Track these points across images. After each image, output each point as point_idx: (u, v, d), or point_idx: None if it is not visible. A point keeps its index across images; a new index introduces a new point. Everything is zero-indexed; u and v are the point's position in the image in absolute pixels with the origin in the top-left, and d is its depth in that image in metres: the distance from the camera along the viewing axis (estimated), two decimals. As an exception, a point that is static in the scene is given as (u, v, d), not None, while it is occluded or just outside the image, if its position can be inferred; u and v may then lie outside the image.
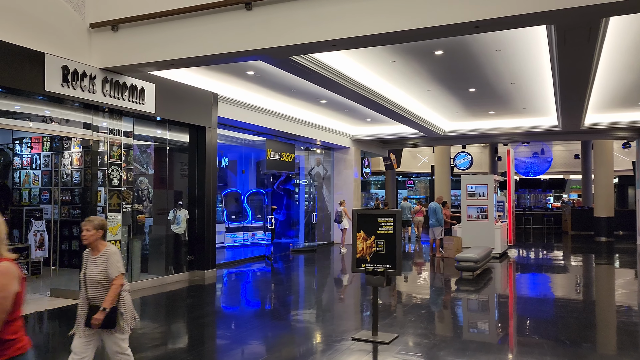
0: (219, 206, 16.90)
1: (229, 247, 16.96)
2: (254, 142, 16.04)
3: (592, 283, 11.45)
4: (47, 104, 8.20)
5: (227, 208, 17.59)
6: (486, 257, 12.01)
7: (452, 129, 17.29)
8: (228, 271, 12.41)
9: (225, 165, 19.71)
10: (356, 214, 6.33)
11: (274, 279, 11.99)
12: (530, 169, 32.94)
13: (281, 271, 12.95)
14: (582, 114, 12.87)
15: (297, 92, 12.13)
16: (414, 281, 11.58)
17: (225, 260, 14.56)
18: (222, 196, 17.27)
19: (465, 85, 11.47)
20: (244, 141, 16.07)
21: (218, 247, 16.62)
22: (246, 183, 19.34)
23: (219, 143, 16.38)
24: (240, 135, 14.16)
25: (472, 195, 14.58)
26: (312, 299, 9.58)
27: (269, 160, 14.57)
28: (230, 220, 17.45)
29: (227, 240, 17.08)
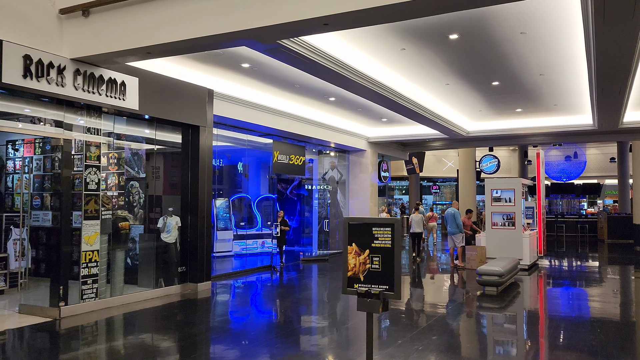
0: (226, 212, 16.03)
1: (237, 255, 16.05)
2: (265, 145, 15.12)
3: (638, 300, 10.05)
4: (6, 98, 7.38)
5: (236, 214, 16.68)
6: (512, 270, 10.73)
7: (476, 129, 16.01)
8: (228, 283, 11.43)
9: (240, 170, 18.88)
10: (347, 223, 5.25)
11: (277, 292, 10.96)
12: (563, 173, 31.15)
13: (287, 283, 11.91)
14: (621, 110, 11.49)
15: (302, 88, 11.12)
16: (429, 296, 10.38)
17: (232, 269, 13.65)
18: (230, 202, 16.38)
19: (487, 77, 10.27)
20: (253, 144, 15.17)
21: (225, 255, 15.86)
22: (257, 188, 18.43)
23: (226, 146, 15.61)
24: (244, 136, 13.24)
25: (498, 201, 13.30)
26: (313, 319, 8.50)
27: (276, 163, 13.59)
28: (239, 227, 16.54)
29: (235, 248, 16.17)
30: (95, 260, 8.10)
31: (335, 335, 7.26)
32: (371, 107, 13.17)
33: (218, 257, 15.50)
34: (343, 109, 13.77)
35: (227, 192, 18.10)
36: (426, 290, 11.15)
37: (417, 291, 11.02)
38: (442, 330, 7.21)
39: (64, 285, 7.69)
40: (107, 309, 8.26)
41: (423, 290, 11.15)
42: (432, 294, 10.75)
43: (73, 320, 7.61)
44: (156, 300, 9.07)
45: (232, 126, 12.20)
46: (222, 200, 16.18)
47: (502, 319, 8.37)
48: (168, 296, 9.41)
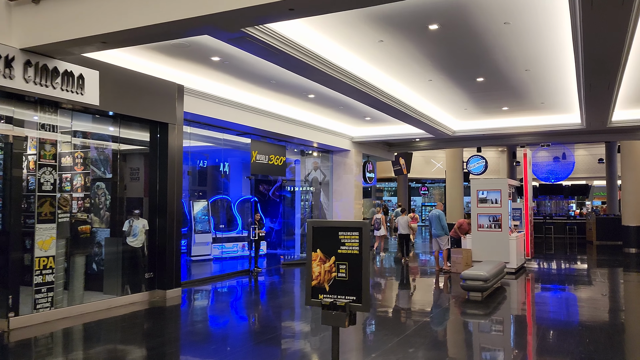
0: (204, 215, 15.47)
1: (217, 259, 15.49)
2: (246, 145, 14.56)
3: (627, 305, 9.65)
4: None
5: (215, 217, 16.12)
6: (498, 274, 10.29)
7: (462, 128, 15.59)
8: (201, 289, 10.88)
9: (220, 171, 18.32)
10: (311, 226, 4.74)
11: (251, 299, 10.44)
12: (551, 174, 30.92)
13: (263, 289, 11.37)
14: (609, 108, 11.11)
15: (279, 84, 10.61)
16: (410, 302, 9.90)
17: (211, 273, 13.13)
18: (209, 204, 15.82)
19: (471, 73, 9.83)
20: (234, 144, 14.65)
21: (204, 259, 15.30)
22: (238, 189, 17.89)
23: (206, 146, 15.06)
24: (220, 135, 12.69)
25: (484, 202, 12.87)
26: (283, 328, 7.98)
27: (255, 163, 13.06)
28: (218, 230, 15.98)
29: (214, 251, 15.61)
30: (51, 267, 7.52)
31: (308, 346, 6.75)
32: (353, 106, 12.69)
33: (196, 261, 14.95)
34: (325, 107, 13.28)
35: (207, 193, 17.54)
36: (408, 295, 10.67)
37: (399, 296, 10.54)
38: (421, 342, 6.72)
39: (14, 295, 7.11)
40: (64, 319, 7.68)
41: (405, 295, 10.68)
42: (414, 299, 10.27)
43: (24, 332, 7.03)
44: (120, 309, 8.50)
45: (207, 124, 11.66)
46: (201, 202, 15.62)
47: (486, 327, 7.91)
48: (133, 304, 8.84)
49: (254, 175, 14.24)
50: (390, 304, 9.76)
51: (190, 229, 15.23)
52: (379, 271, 14.17)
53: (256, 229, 12.80)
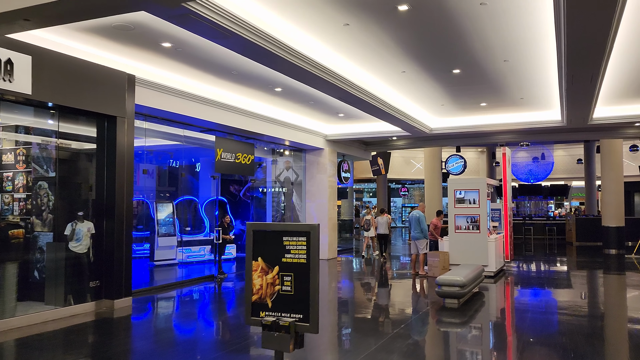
0: (169, 217, 14.61)
1: (182, 264, 14.62)
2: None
3: (608, 311, 9.10)
4: None
5: (181, 219, 15.26)
6: (476, 279, 9.66)
7: (439, 126, 14.98)
8: (159, 296, 10.05)
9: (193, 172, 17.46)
10: (251, 230, 3.99)
11: (210, 308, 9.63)
12: (530, 174, 30.70)
13: (225, 296, 10.57)
14: (591, 103, 10.57)
15: (241, 75, 9.83)
16: (382, 310, 9.20)
17: (176, 279, 12.32)
18: (174, 205, 14.94)
19: (447, 64, 9.18)
20: (201, 142, 13.81)
21: (168, 264, 14.43)
22: (207, 190, 17.02)
23: (173, 145, 14.19)
24: (181, 131, 11.83)
25: (461, 203, 12.26)
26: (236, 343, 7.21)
27: (220, 162, 12.24)
28: (184, 233, 15.11)
29: (180, 256, 14.74)
30: (-26, 277, 6.64)
31: None
32: (325, 100, 11.98)
33: (160, 266, 14.08)
34: (294, 103, 12.54)
35: (174, 194, 16.66)
36: (380, 302, 9.97)
37: (370, 303, 9.83)
38: (387, 356, 6.01)
39: None
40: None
41: (377, 302, 9.98)
42: (387, 306, 9.57)
43: (-63, 352, 6.15)
44: (60, 322, 7.63)
45: (166, 120, 10.83)
46: (165, 204, 14.74)
47: (462, 337, 7.24)
48: (77, 316, 7.98)
49: (218, 175, 13.39)
50: (360, 312, 9.05)
51: (154, 232, 14.35)
52: (354, 274, 13.47)
53: (220, 232, 11.98)
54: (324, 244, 15.85)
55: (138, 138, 10.95)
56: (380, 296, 10.67)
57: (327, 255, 15.77)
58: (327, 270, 14.18)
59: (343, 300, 10.32)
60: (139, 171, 17.60)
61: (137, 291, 10.34)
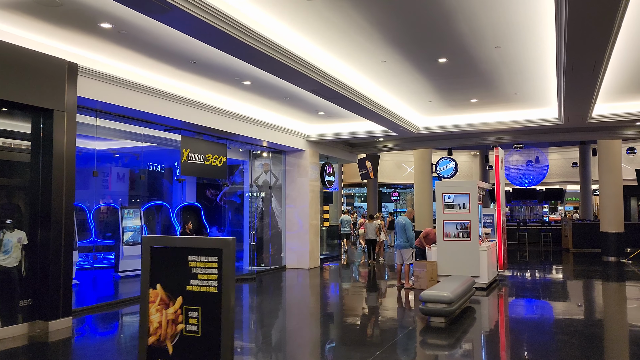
0: (136, 224, 13.51)
1: (151, 274, 13.51)
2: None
3: (616, 328, 8.08)
4: None
5: (149, 226, 14.16)
6: (466, 293, 8.63)
7: (427, 125, 13.98)
8: (114, 313, 8.94)
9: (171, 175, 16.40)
10: (148, 246, 2.93)
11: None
12: (525, 178, 29.84)
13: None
14: (592, 97, 9.60)
15: (201, 65, 8.77)
16: (360, 328, 8.09)
17: (136, 293, 11.23)
18: (142, 212, 13.83)
19: (431, 52, 8.16)
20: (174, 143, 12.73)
21: (135, 275, 13.30)
22: (181, 195, 15.95)
23: (143, 146, 13.07)
24: (140, 129, 10.73)
25: (450, 208, 11.24)
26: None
27: (186, 163, 11.18)
28: (153, 241, 13.99)
29: (148, 266, 13.61)
30: None
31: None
32: (301, 96, 10.96)
33: (125, 277, 12.98)
34: (268, 99, 11.50)
35: (143, 199, 15.57)
36: (355, 321, 8.88)
37: (347, 320, 8.73)
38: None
39: None
40: None
41: (355, 319, 8.87)
42: (365, 323, 8.47)
43: None
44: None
45: (123, 116, 9.74)
46: (132, 210, 13.65)
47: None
48: (3, 340, 6.86)
49: (184, 178, 12.33)
50: (330, 333, 7.96)
51: (119, 241, 13.25)
52: (334, 286, 12.40)
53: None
54: (304, 253, 14.79)
55: (85, 137, 9.90)
56: (358, 313, 9.60)
57: (309, 265, 14.71)
58: (307, 281, 13.11)
59: (312, 318, 9.24)
60: (110, 175, 16.57)
61: (95, 307, 9.33)
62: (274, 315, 9.25)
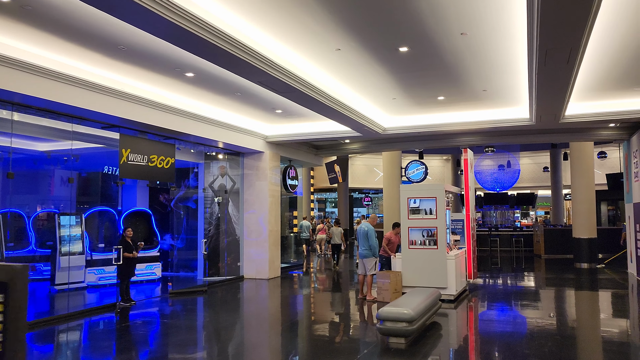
0: (76, 232, 12.30)
1: (93, 287, 12.35)
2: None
3: (588, 346, 7.31)
4: None
5: (92, 234, 12.95)
6: (430, 308, 7.75)
7: (393, 125, 13.15)
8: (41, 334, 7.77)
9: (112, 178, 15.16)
10: None
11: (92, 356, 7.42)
12: (496, 183, 29.44)
13: (114, 336, 8.35)
14: (566, 92, 8.87)
15: (133, 53, 7.72)
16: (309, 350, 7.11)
17: (83, 306, 10.34)
18: (84, 218, 12.62)
19: (390, 38, 7.29)
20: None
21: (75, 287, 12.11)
22: (131, 200, 14.78)
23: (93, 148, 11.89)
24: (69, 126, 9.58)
25: (416, 213, 10.40)
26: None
27: (127, 164, 10.09)
28: (96, 251, 12.81)
29: (90, 278, 12.44)
30: None
31: None
32: (255, 92, 10.01)
33: (64, 291, 11.76)
34: (219, 95, 10.50)
35: (87, 205, 14.35)
36: (308, 340, 7.89)
37: (297, 339, 7.75)
38: None
39: None
40: None
41: (307, 338, 7.89)
42: (317, 344, 7.48)
43: None
44: None
45: (48, 111, 8.61)
46: (72, 217, 12.43)
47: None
48: None
49: (123, 180, 11.19)
50: (276, 356, 6.98)
51: (56, 251, 12.03)
52: (292, 298, 11.41)
53: (121, 250, 9.79)
54: (264, 262, 13.78)
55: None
56: (308, 333, 8.63)
57: (268, 275, 13.69)
58: (264, 293, 12.10)
59: (256, 338, 8.24)
60: (53, 178, 15.29)
61: (31, 324, 8.21)
62: (207, 335, 8.21)
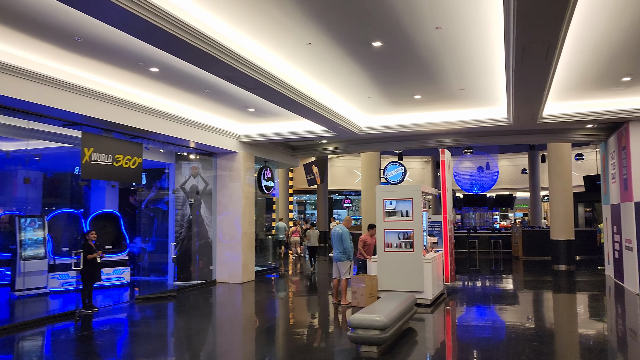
0: (38, 235, 11.72)
1: (56, 293, 11.80)
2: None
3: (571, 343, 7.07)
4: None
5: (55, 237, 12.38)
6: (404, 315, 7.44)
7: (370, 125, 12.84)
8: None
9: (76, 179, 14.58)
10: None
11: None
12: (475, 184, 29.42)
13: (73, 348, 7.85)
14: (544, 90, 8.65)
15: (91, 45, 7.25)
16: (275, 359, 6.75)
17: (45, 313, 9.79)
18: (46, 221, 12.05)
19: (363, 32, 6.96)
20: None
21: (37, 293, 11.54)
22: (100, 201, 14.20)
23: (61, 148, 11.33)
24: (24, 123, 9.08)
25: (392, 215, 10.10)
26: None
27: (89, 164, 9.58)
28: (60, 255, 12.24)
29: (53, 283, 11.87)
30: None
31: None
32: (225, 89, 9.61)
33: (23, 297, 11.18)
34: (189, 93, 10.06)
35: (50, 207, 13.76)
36: (276, 349, 7.51)
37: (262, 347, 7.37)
38: None
39: None
40: None
41: (270, 350, 7.50)
42: (282, 354, 7.11)
43: None
44: None
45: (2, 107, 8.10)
46: (34, 219, 11.84)
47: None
48: None
49: (85, 181, 10.70)
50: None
51: (16, 255, 11.44)
52: (264, 303, 11.01)
53: (82, 254, 9.29)
54: (237, 265, 13.35)
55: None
56: (282, 338, 8.25)
57: (241, 278, 13.26)
58: (235, 297, 11.68)
59: (228, 343, 7.83)
60: (16, 179, 14.64)
61: None
62: (171, 344, 7.78)
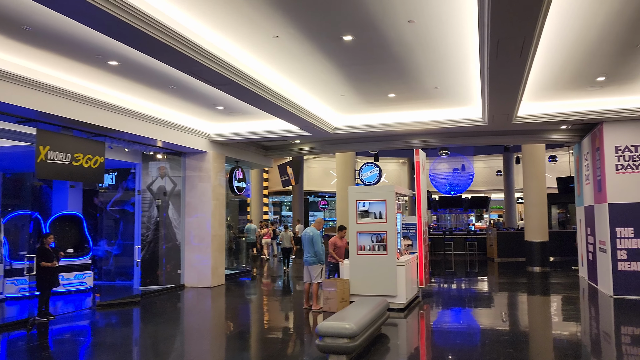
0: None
1: (12, 300, 11.17)
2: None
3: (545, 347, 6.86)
4: None
5: (12, 241, 11.74)
6: (375, 321, 7.12)
7: (343, 124, 12.53)
8: None
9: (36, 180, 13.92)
10: None
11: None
12: (451, 186, 29.45)
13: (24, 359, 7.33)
14: (519, 89, 8.44)
15: (41, 34, 6.76)
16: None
17: (0, 320, 9.11)
18: (2, 224, 11.41)
19: (332, 26, 6.63)
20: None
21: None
22: (62, 203, 13.56)
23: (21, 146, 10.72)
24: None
25: (365, 217, 9.80)
26: None
27: (44, 163, 9.03)
28: (17, 259, 11.61)
29: (9, 289, 11.26)
30: None
31: None
32: (193, 86, 9.18)
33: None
34: (154, 89, 9.60)
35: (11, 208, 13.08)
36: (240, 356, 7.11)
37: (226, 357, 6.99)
38: None
39: None
40: None
41: (236, 356, 7.11)
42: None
43: None
44: None
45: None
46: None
47: None
48: None
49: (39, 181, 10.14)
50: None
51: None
52: (232, 308, 10.59)
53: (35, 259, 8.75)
54: (206, 269, 12.89)
55: None
56: (247, 346, 7.86)
57: (211, 282, 12.80)
58: (203, 303, 11.23)
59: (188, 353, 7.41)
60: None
61: None
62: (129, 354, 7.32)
